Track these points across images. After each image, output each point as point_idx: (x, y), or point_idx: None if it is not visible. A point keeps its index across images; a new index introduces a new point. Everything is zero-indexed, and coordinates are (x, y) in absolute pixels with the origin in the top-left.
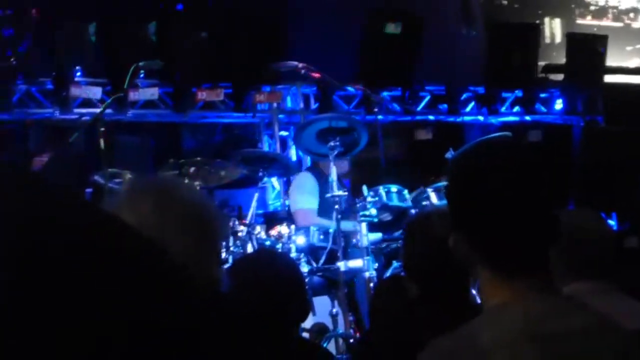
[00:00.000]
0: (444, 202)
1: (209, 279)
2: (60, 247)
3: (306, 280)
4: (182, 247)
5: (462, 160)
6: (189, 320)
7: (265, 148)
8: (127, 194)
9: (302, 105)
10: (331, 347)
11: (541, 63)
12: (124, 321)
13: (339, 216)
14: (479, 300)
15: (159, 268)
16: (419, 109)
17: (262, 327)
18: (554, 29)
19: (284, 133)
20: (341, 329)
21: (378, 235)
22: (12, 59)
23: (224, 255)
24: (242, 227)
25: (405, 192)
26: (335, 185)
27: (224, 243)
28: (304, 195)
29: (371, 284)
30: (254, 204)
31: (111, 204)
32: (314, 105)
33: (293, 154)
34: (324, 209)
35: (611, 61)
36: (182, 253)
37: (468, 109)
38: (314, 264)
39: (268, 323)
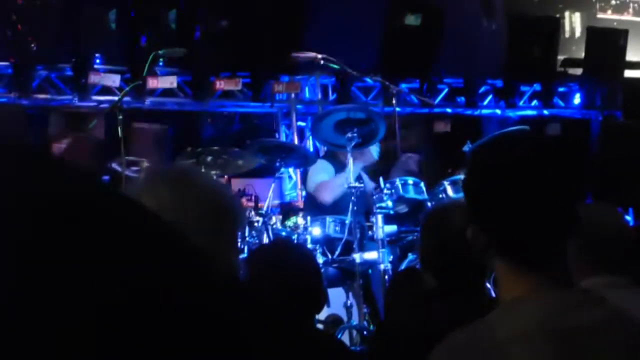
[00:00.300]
0: (461, 195)
1: (227, 267)
2: (68, 241)
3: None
4: (201, 235)
5: (481, 153)
6: (211, 307)
7: (283, 138)
8: (146, 181)
9: (320, 95)
10: (345, 338)
11: (560, 57)
12: (140, 311)
13: (355, 208)
14: (493, 294)
15: (181, 253)
16: (436, 101)
17: (278, 317)
18: (574, 23)
19: (301, 123)
20: (355, 320)
21: (394, 228)
22: (32, 45)
23: (239, 245)
24: (258, 217)
25: (422, 184)
26: (352, 175)
27: (240, 233)
28: (320, 174)
29: (386, 276)
30: (270, 194)
31: (130, 191)
32: (332, 96)
33: (310, 144)
34: (341, 198)
35: (631, 56)
36: (201, 241)
37: (486, 102)
38: (329, 255)
39: (283, 313)
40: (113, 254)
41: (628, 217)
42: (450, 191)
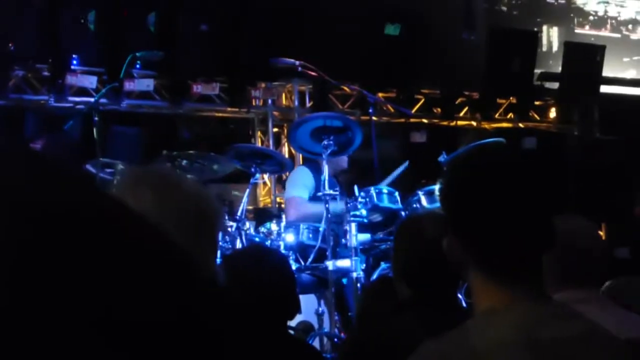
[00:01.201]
0: (435, 205)
1: (207, 271)
2: (66, 247)
3: None
4: (182, 239)
5: (459, 163)
6: (197, 310)
7: (258, 144)
8: (126, 183)
9: (297, 102)
10: (316, 345)
11: (537, 71)
12: (130, 314)
13: (329, 215)
14: (464, 305)
15: (171, 257)
16: (413, 111)
17: (252, 322)
18: (551, 37)
19: (277, 129)
20: (326, 328)
21: (367, 236)
22: (9, 44)
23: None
24: (231, 223)
25: (396, 193)
26: (326, 183)
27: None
28: (298, 186)
29: (358, 285)
30: (244, 199)
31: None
32: (309, 103)
33: (286, 151)
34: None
35: (608, 72)
36: (182, 244)
37: (462, 113)
38: (302, 262)
39: (258, 319)
40: (109, 258)
41: (600, 232)
42: (424, 201)
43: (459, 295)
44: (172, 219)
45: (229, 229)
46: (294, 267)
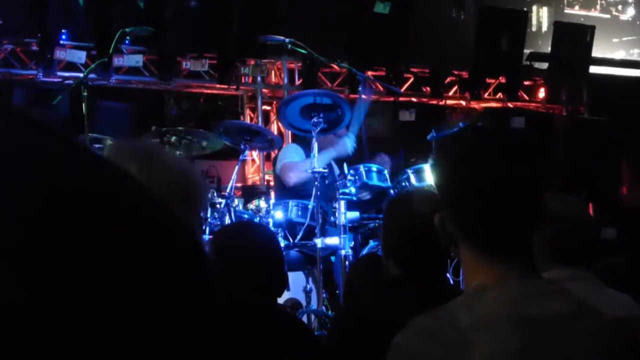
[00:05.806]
0: (423, 183)
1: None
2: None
3: None
4: None
5: (452, 140)
6: (196, 303)
7: (247, 121)
8: (111, 157)
9: (286, 80)
10: None
11: (527, 51)
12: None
13: (318, 193)
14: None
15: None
16: (402, 90)
17: (242, 298)
18: (541, 17)
19: (266, 107)
20: (314, 305)
21: (356, 214)
22: None
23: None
24: (220, 199)
25: (385, 172)
26: (316, 161)
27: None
28: (290, 155)
29: (347, 262)
30: (233, 176)
31: None
32: (298, 81)
33: (275, 128)
34: (309, 183)
35: (597, 52)
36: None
37: (451, 92)
38: (291, 239)
39: (246, 295)
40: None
41: None
42: (413, 179)
43: (447, 275)
44: (156, 193)
45: (218, 206)
46: (282, 244)
